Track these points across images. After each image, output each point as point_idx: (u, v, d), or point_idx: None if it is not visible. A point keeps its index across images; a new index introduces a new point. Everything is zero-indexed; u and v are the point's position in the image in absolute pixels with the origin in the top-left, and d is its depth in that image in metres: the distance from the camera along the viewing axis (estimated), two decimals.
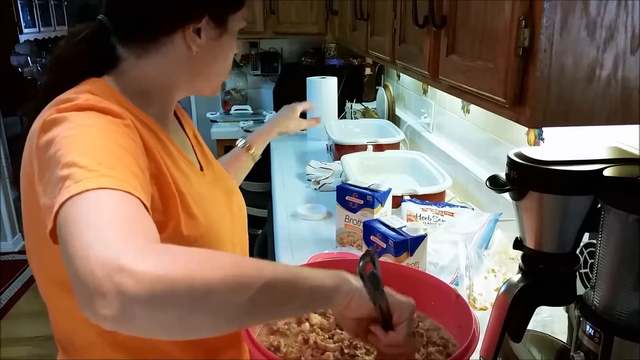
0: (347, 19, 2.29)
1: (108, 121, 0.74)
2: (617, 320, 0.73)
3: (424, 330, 0.89)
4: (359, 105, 3.16)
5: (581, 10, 0.70)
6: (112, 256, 0.54)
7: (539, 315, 1.00)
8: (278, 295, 0.63)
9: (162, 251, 0.58)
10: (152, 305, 0.54)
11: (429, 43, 1.16)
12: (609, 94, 0.73)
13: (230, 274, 0.59)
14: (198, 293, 0.56)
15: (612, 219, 0.72)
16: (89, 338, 0.85)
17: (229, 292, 0.58)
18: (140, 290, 0.53)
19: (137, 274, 0.53)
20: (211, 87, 0.97)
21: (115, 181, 0.63)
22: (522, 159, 0.80)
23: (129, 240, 0.57)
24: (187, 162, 0.93)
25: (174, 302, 0.55)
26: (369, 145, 2.27)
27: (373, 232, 1.24)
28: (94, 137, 0.70)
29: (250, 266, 0.62)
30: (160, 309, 0.54)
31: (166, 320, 0.56)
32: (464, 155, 2.03)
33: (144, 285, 0.53)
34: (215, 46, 0.90)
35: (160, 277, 0.54)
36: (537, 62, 0.72)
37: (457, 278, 1.26)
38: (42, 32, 6.37)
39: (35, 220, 0.77)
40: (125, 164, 0.68)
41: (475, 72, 0.92)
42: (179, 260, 0.57)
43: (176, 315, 0.56)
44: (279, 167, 2.49)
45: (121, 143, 0.71)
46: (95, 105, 0.75)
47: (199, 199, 0.88)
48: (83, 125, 0.71)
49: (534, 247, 0.83)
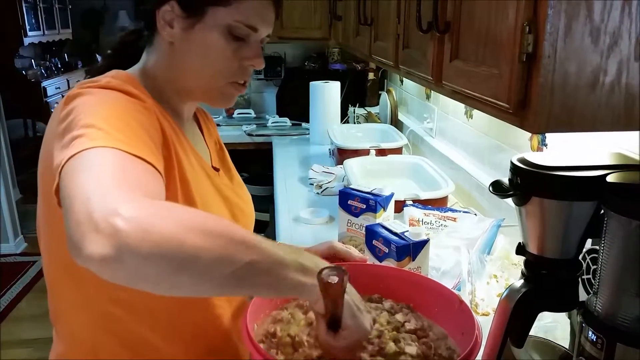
0: (350, 24, 2.29)
1: (128, 100, 0.78)
2: (619, 327, 0.73)
3: (433, 341, 0.88)
4: (362, 109, 3.17)
5: (585, 17, 0.70)
6: (112, 201, 0.56)
7: (541, 320, 0.99)
8: (259, 278, 0.64)
9: (161, 207, 0.60)
10: (141, 254, 0.55)
11: (432, 48, 1.16)
12: (612, 100, 0.73)
13: (222, 244, 0.60)
14: (186, 255, 0.57)
15: (615, 225, 0.72)
16: (82, 321, 0.89)
17: (215, 262, 0.60)
18: (133, 235, 0.54)
19: (132, 220, 0.55)
20: (202, 89, 0.93)
21: (130, 147, 0.66)
22: (525, 164, 0.80)
23: (129, 192, 0.59)
24: (197, 157, 0.95)
25: (161, 257, 0.56)
26: (371, 149, 2.27)
27: (375, 236, 1.24)
28: (113, 108, 0.74)
29: (241, 240, 0.63)
30: (148, 260, 0.56)
31: (150, 273, 0.57)
32: (466, 161, 2.03)
33: (137, 233, 0.54)
34: (190, 38, 0.89)
35: (154, 229, 0.56)
36: (541, 68, 0.72)
37: (459, 283, 1.26)
38: (46, 35, 6.40)
39: (47, 195, 0.79)
40: (140, 136, 0.71)
41: (479, 77, 0.92)
42: (175, 218, 0.59)
43: (161, 271, 0.57)
44: (281, 171, 2.50)
45: (139, 119, 0.75)
46: (117, 87, 0.79)
47: (202, 190, 0.91)
48: (103, 98, 0.76)
49: (536, 252, 0.83)
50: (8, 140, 4.58)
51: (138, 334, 0.89)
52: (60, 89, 6.27)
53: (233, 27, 0.88)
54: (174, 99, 0.95)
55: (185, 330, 0.92)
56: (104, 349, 0.90)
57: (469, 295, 1.20)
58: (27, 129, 5.66)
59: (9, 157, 4.44)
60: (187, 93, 0.95)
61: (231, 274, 0.61)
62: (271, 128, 3.34)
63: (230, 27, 0.88)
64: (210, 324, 0.95)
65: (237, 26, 0.88)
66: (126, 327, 0.88)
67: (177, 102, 0.96)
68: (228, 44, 0.89)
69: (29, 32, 5.86)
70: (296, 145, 2.98)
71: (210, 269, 0.60)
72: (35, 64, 6.34)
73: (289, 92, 3.43)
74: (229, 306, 0.97)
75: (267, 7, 0.91)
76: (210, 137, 1.10)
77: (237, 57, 0.90)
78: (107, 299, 0.87)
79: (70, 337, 0.93)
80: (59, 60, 6.83)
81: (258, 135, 3.22)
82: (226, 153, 1.13)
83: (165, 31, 0.89)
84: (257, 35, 0.91)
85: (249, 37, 0.90)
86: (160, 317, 0.89)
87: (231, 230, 0.64)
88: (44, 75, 6.15)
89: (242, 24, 0.88)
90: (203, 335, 0.94)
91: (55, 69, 6.54)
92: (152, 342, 0.90)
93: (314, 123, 2.94)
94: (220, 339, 0.96)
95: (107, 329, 0.89)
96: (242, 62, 0.91)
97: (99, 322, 0.89)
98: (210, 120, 1.15)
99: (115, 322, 0.88)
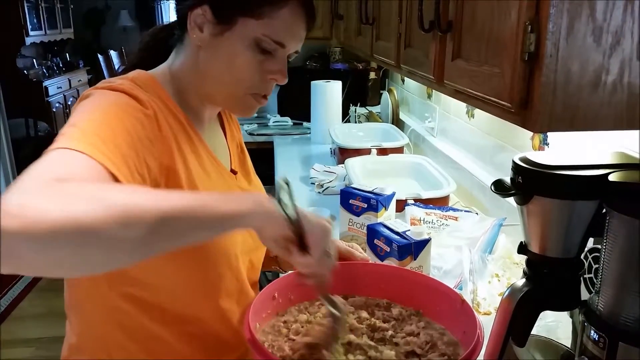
0: (352, 23, 2.29)
1: (129, 105, 0.80)
2: (621, 326, 0.73)
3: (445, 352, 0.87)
4: (363, 109, 3.17)
5: (587, 16, 0.70)
6: (8, 196, 0.54)
7: (543, 320, 0.99)
8: (179, 226, 0.63)
9: (57, 190, 0.57)
10: (37, 243, 0.52)
11: (434, 48, 1.16)
12: (614, 99, 0.73)
13: (121, 210, 0.58)
14: (86, 232, 0.55)
15: (617, 224, 0.72)
16: (94, 313, 0.91)
17: (120, 228, 0.57)
18: (20, 228, 0.51)
19: (18, 212, 0.52)
20: (223, 97, 0.94)
21: (98, 152, 0.67)
22: (527, 163, 0.80)
23: (32, 180, 0.58)
24: (213, 161, 0.96)
25: (60, 241, 0.54)
26: (373, 149, 2.27)
27: (377, 235, 1.24)
28: (105, 113, 0.75)
29: (145, 199, 0.61)
30: (48, 247, 0.53)
31: (56, 257, 0.55)
32: (468, 160, 2.03)
33: (25, 224, 0.51)
34: (217, 44, 0.89)
35: (45, 216, 0.53)
36: (543, 67, 0.72)
37: (461, 282, 1.26)
38: (48, 35, 6.40)
39: None
40: (119, 143, 0.72)
41: (481, 76, 0.92)
42: (69, 198, 0.56)
43: (66, 253, 0.55)
44: (282, 171, 2.50)
45: (128, 125, 0.76)
46: (126, 90, 0.82)
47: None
48: (104, 100, 0.79)
49: (538, 251, 0.83)
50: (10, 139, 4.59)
51: (148, 329, 0.90)
52: (62, 88, 6.27)
53: (261, 41, 0.88)
54: (196, 102, 0.96)
55: (195, 327, 0.93)
56: (113, 342, 0.91)
57: (470, 294, 1.20)
58: (29, 128, 5.65)
59: (11, 157, 4.45)
60: (209, 98, 0.96)
61: (145, 233, 0.59)
62: (272, 127, 3.34)
63: (258, 40, 0.88)
64: (219, 322, 0.95)
65: (264, 40, 0.88)
66: (136, 322, 0.90)
67: (199, 105, 0.97)
68: (254, 56, 0.89)
69: (31, 31, 5.86)
70: (297, 144, 2.98)
71: (116, 237, 0.57)
72: (37, 63, 6.35)
73: (290, 92, 3.42)
74: (237, 305, 0.97)
75: (299, 24, 0.91)
76: (232, 140, 1.10)
77: (261, 70, 0.91)
78: (118, 294, 0.88)
79: (81, 328, 0.95)
80: (60, 60, 6.83)
81: (259, 135, 3.22)
82: (247, 156, 1.14)
83: (195, 34, 0.90)
84: (284, 51, 0.91)
85: (276, 52, 0.90)
86: (169, 313, 0.90)
87: (133, 192, 0.63)
88: (45, 75, 6.15)
89: (270, 38, 0.88)
90: (213, 333, 0.95)
91: (57, 69, 6.55)
92: (162, 337, 0.91)
93: (316, 122, 2.94)
94: (230, 337, 0.96)
95: (117, 323, 0.90)
96: (266, 75, 0.92)
97: (109, 316, 0.90)
98: (235, 122, 1.16)
99: (126, 317, 0.89)
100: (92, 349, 0.93)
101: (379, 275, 1.01)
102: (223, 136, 1.08)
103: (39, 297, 3.50)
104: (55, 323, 2.96)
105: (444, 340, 0.88)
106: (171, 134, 0.86)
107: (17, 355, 2.91)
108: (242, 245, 0.96)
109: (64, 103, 6.26)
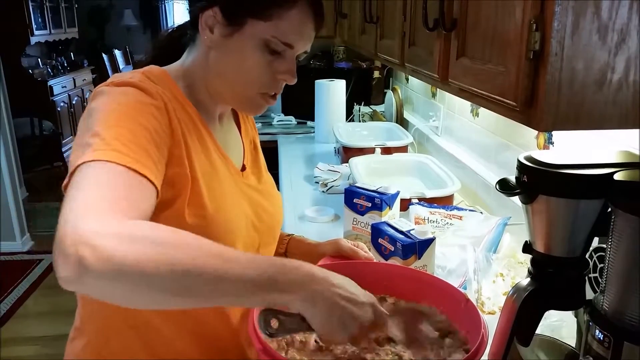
0: (356, 22, 2.29)
1: (139, 99, 0.82)
2: (627, 325, 0.73)
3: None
4: (367, 108, 3.16)
5: (592, 14, 0.69)
6: (84, 227, 0.61)
7: (548, 319, 0.99)
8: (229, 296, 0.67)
9: (129, 233, 0.63)
10: (101, 279, 0.60)
11: (439, 46, 1.16)
12: (620, 98, 0.73)
13: (181, 276, 0.63)
14: (146, 286, 0.62)
15: (623, 223, 0.72)
16: (100, 304, 0.92)
17: (176, 295, 0.64)
18: (94, 265, 0.59)
19: (96, 250, 0.59)
20: (232, 96, 0.96)
21: (124, 157, 0.71)
22: (532, 162, 0.79)
23: (108, 215, 0.64)
24: (221, 157, 0.97)
25: (121, 282, 0.61)
26: (377, 148, 2.27)
27: (381, 234, 1.24)
28: (121, 114, 0.78)
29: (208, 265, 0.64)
30: (108, 284, 0.61)
31: (116, 293, 0.63)
32: (472, 159, 2.03)
33: (99, 262, 0.59)
34: (227, 45, 0.91)
35: (115, 258, 0.60)
36: (548, 66, 0.71)
37: (465, 282, 1.25)
38: (52, 34, 6.42)
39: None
40: (141, 142, 0.76)
41: (485, 75, 0.92)
42: (140, 244, 0.62)
43: (126, 291, 0.63)
44: (286, 169, 2.50)
45: (144, 122, 0.79)
46: (136, 84, 0.83)
47: (218, 191, 0.91)
48: (117, 99, 0.81)
49: (543, 251, 0.83)
50: (15, 138, 4.60)
51: (147, 320, 0.92)
52: (67, 87, 6.29)
53: (269, 42, 0.89)
54: (207, 99, 0.97)
55: (195, 326, 0.94)
56: (113, 327, 0.93)
57: (475, 293, 1.20)
58: (34, 127, 5.67)
59: (16, 156, 4.46)
60: (219, 96, 0.97)
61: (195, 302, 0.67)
62: (276, 126, 3.34)
63: (267, 41, 0.89)
64: (219, 322, 0.96)
65: (273, 41, 0.89)
66: (139, 317, 0.91)
67: (209, 102, 0.98)
68: (263, 56, 0.90)
69: (36, 31, 5.88)
70: (301, 143, 2.98)
71: (168, 300, 0.65)
72: (41, 62, 6.37)
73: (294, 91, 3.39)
74: (238, 308, 0.97)
75: (307, 25, 0.92)
76: (246, 136, 1.11)
77: (271, 70, 0.92)
78: None
79: (85, 311, 0.98)
80: (65, 59, 6.85)
81: (263, 134, 3.22)
82: (259, 153, 1.15)
83: (206, 35, 0.91)
84: (293, 52, 0.92)
85: (285, 52, 0.91)
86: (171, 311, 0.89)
87: (202, 255, 0.65)
88: (50, 74, 6.17)
89: (278, 40, 0.89)
90: (212, 333, 0.96)
91: (62, 68, 6.57)
92: (160, 331, 0.92)
93: (319, 121, 2.94)
94: (228, 338, 0.97)
95: (121, 318, 0.92)
96: (275, 75, 0.93)
97: (114, 309, 0.89)
98: (250, 119, 1.17)
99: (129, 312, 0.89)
100: (93, 332, 0.96)
101: (383, 274, 1.01)
102: (238, 132, 1.09)
103: (43, 296, 3.51)
104: (60, 321, 2.97)
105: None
106: (179, 126, 0.87)
107: (21, 353, 2.93)
108: (246, 240, 0.97)
109: (69, 102, 6.28)
